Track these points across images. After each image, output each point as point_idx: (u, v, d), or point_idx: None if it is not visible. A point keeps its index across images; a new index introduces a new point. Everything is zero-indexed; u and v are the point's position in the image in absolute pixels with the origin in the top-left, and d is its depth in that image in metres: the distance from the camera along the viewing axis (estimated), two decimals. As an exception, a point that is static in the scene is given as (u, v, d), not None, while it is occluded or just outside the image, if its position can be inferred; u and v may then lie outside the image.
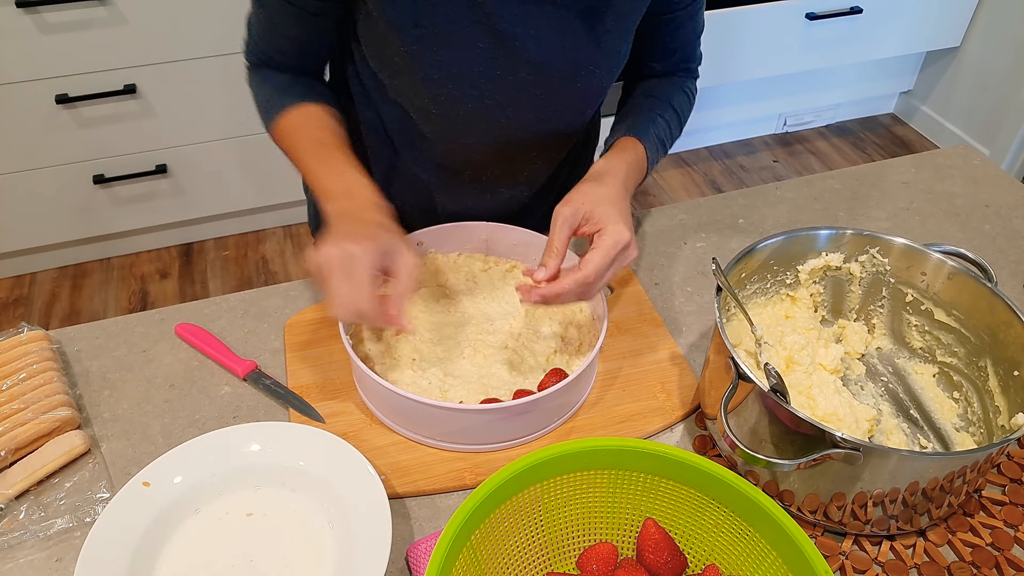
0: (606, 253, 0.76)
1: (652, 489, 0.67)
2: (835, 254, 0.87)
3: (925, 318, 0.86)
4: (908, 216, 1.12)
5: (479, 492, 0.61)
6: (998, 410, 0.77)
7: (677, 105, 0.97)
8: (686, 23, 0.95)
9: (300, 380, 0.86)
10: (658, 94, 0.97)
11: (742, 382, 0.70)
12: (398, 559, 0.72)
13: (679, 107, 0.97)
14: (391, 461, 0.79)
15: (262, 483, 0.75)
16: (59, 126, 2.00)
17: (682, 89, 0.99)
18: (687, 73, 1.01)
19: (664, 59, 0.98)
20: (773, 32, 2.41)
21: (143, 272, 2.35)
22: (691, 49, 0.99)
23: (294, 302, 0.97)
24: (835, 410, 0.77)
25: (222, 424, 0.83)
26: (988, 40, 2.63)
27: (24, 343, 0.87)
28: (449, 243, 0.97)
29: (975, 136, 2.74)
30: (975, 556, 0.72)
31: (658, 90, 0.97)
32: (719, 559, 0.66)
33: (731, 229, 1.10)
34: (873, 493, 0.68)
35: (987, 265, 0.80)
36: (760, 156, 2.85)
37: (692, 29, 0.97)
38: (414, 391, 0.81)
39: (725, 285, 0.77)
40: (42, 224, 2.19)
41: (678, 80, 1.00)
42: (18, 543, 0.73)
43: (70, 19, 1.85)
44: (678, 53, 0.98)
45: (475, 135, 0.92)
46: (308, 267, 0.72)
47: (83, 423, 0.83)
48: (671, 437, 0.83)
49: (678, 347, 0.91)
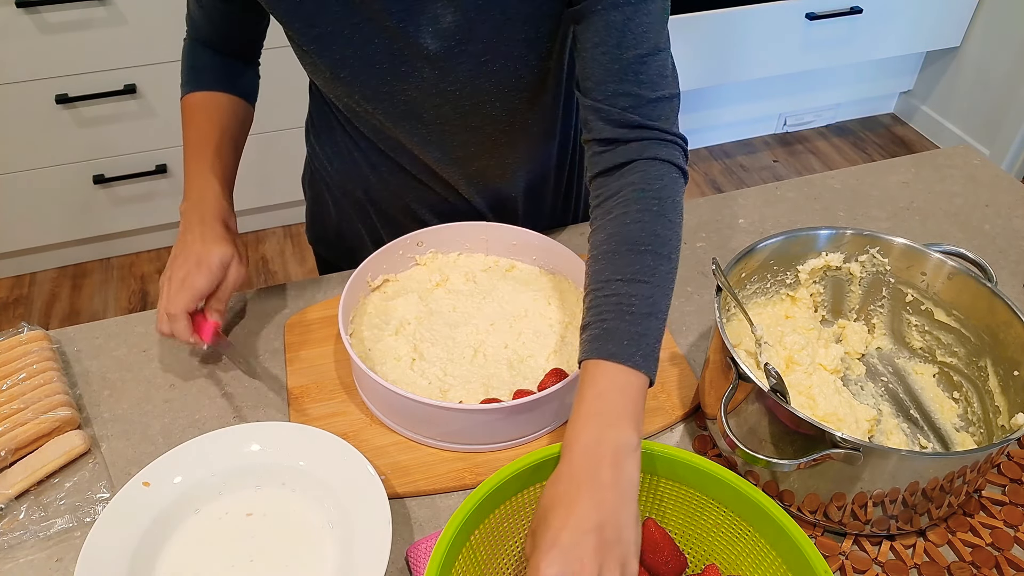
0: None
1: (652, 489, 0.67)
2: (835, 254, 0.87)
3: (925, 318, 0.86)
4: (908, 216, 1.12)
5: (479, 492, 0.61)
6: (998, 410, 0.77)
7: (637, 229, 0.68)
8: (610, 15, 0.70)
9: (300, 380, 0.86)
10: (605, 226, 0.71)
11: (742, 382, 0.70)
12: (398, 559, 0.72)
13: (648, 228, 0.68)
14: (391, 461, 0.79)
15: (262, 483, 0.75)
16: (59, 126, 2.00)
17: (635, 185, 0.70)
18: (641, 128, 0.71)
19: (602, 83, 0.72)
20: (773, 32, 2.41)
21: (143, 272, 2.35)
22: (631, 64, 0.70)
23: (294, 302, 0.97)
24: (835, 410, 0.77)
25: (222, 424, 0.83)
26: (988, 40, 2.63)
27: (24, 343, 0.87)
28: (449, 243, 0.97)
29: (975, 136, 2.74)
30: (975, 556, 0.72)
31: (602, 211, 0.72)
32: (719, 559, 0.66)
33: (731, 229, 1.10)
34: (873, 493, 0.68)
35: (987, 265, 0.80)
36: (760, 156, 2.85)
37: (626, 27, 0.70)
38: (414, 391, 0.81)
39: (725, 285, 0.77)
40: (42, 224, 2.19)
41: (630, 161, 0.72)
42: (18, 543, 0.73)
43: (70, 19, 1.86)
44: (617, 67, 0.70)
45: (409, 131, 0.90)
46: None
47: (83, 423, 0.83)
48: (671, 437, 0.83)
49: (678, 347, 0.91)
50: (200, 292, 0.82)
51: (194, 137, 0.92)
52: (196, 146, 0.92)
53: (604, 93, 0.72)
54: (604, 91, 0.72)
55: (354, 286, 0.88)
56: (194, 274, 0.82)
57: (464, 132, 0.90)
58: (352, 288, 0.87)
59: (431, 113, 0.87)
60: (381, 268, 0.93)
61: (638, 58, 0.70)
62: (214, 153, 0.91)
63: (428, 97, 0.85)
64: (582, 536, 0.54)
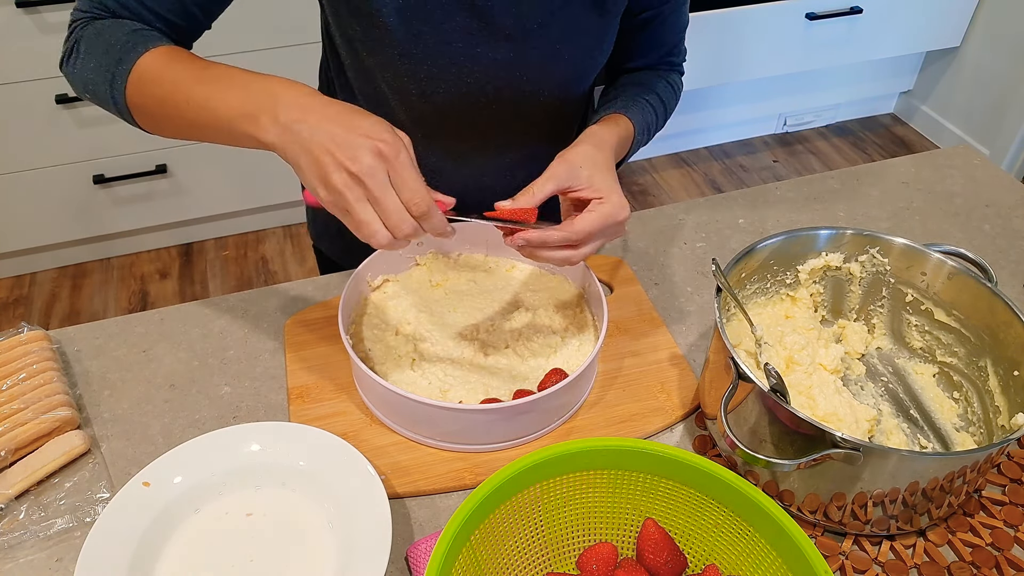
0: (602, 220, 0.74)
1: (652, 489, 0.67)
2: (835, 254, 0.87)
3: (925, 318, 0.86)
4: (908, 216, 1.12)
5: (479, 492, 0.61)
6: (998, 410, 0.77)
7: (664, 96, 0.96)
8: (669, 18, 0.94)
9: (300, 380, 0.86)
10: (645, 82, 0.96)
11: (742, 382, 0.70)
12: (398, 559, 0.72)
13: (665, 98, 0.96)
14: (391, 461, 0.79)
15: (262, 483, 0.75)
16: (59, 126, 2.00)
17: (667, 81, 0.98)
18: (670, 67, 1.00)
19: (647, 55, 0.97)
20: (773, 32, 2.41)
21: (143, 272, 2.35)
22: (675, 45, 0.98)
23: (294, 302, 0.97)
24: (835, 410, 0.77)
25: (222, 424, 0.83)
26: (988, 40, 2.63)
27: (24, 343, 0.87)
28: (449, 243, 0.97)
29: (975, 136, 2.74)
30: (975, 556, 0.72)
31: (644, 79, 0.97)
32: (719, 559, 0.66)
33: (731, 229, 1.10)
34: (873, 493, 0.68)
35: (987, 265, 0.80)
36: (760, 156, 2.85)
37: (676, 24, 0.96)
38: (414, 391, 0.81)
39: (725, 285, 0.77)
40: (42, 224, 2.19)
41: (663, 72, 0.99)
42: (18, 543, 0.73)
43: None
44: (662, 48, 0.97)
45: (455, 117, 0.90)
46: (331, 185, 0.60)
47: (83, 423, 0.83)
48: (671, 437, 0.83)
49: (678, 347, 0.91)
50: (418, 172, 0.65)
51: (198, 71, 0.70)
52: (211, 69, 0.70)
53: (650, 63, 0.99)
54: (649, 62, 0.99)
55: (354, 286, 0.88)
56: (399, 155, 0.63)
57: (514, 120, 0.93)
58: (352, 288, 0.87)
59: (491, 96, 0.89)
60: (381, 268, 0.93)
61: (680, 40, 0.99)
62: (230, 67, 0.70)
63: (493, 80, 0.87)
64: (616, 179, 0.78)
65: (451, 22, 0.82)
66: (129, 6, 0.75)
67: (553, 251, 0.74)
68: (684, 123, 2.76)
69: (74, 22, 0.77)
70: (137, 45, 0.72)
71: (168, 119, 0.73)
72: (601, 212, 0.74)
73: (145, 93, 0.72)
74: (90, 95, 0.77)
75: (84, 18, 0.76)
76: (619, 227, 0.76)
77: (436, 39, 0.83)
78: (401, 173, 0.62)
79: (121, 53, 0.72)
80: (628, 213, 0.76)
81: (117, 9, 0.75)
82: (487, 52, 0.85)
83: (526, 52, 0.86)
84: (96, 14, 0.76)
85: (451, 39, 0.83)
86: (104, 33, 0.74)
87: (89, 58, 0.74)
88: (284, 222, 2.50)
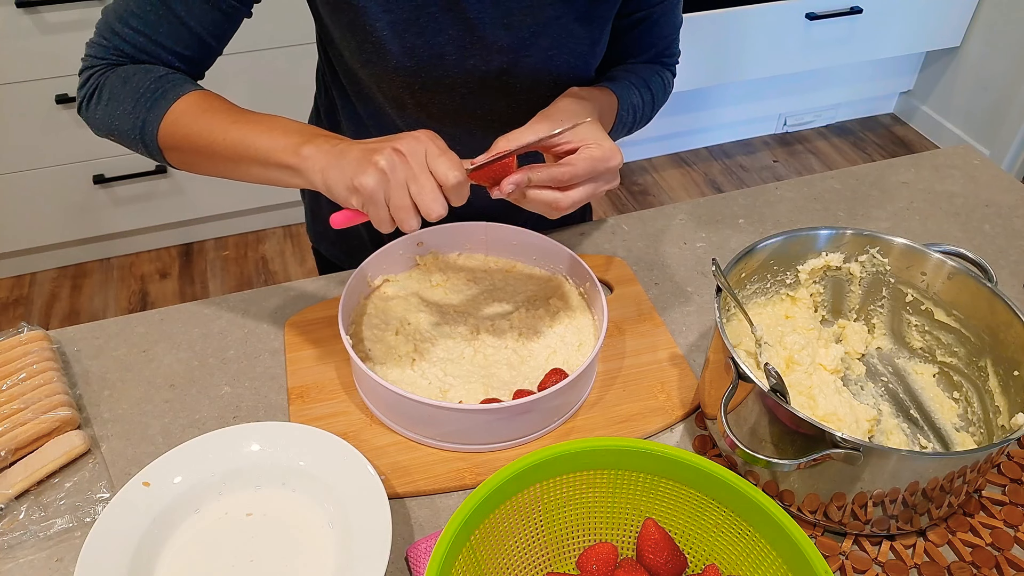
0: (591, 162, 0.71)
1: (652, 489, 0.67)
2: (835, 254, 0.87)
3: (925, 318, 0.86)
4: (908, 216, 1.12)
5: (479, 492, 0.61)
6: (998, 410, 0.77)
7: (652, 84, 0.96)
8: (662, 19, 0.94)
9: (300, 380, 0.86)
10: (634, 71, 0.96)
11: (742, 382, 0.70)
12: (398, 559, 0.72)
13: (654, 87, 0.96)
14: (391, 461, 0.79)
15: (262, 483, 0.75)
16: (59, 126, 2.00)
17: (659, 74, 0.98)
18: (663, 67, 1.00)
19: (640, 55, 0.98)
20: (773, 32, 2.41)
21: (143, 272, 2.35)
22: (667, 45, 0.99)
23: (294, 302, 0.97)
24: (835, 410, 0.77)
25: (222, 424, 0.83)
26: (988, 40, 2.63)
27: (24, 343, 0.87)
28: (449, 243, 0.97)
29: (975, 136, 2.74)
30: (975, 556, 0.72)
31: (635, 69, 0.97)
32: (719, 559, 0.66)
33: (731, 229, 1.10)
34: (873, 493, 0.68)
35: (987, 265, 0.80)
36: (760, 156, 2.85)
37: (669, 24, 0.96)
38: (414, 391, 0.81)
39: (725, 285, 0.77)
40: (42, 224, 2.19)
41: (656, 67, 0.99)
42: (18, 543, 0.73)
43: (70, 19, 1.86)
44: (655, 48, 0.98)
45: (452, 126, 0.91)
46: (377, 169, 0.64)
47: (83, 423, 0.83)
48: (671, 437, 0.83)
49: (678, 347, 0.91)
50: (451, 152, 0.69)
51: (235, 115, 0.74)
52: (248, 116, 0.74)
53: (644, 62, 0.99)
54: (644, 61, 0.99)
55: (354, 286, 0.88)
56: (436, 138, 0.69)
57: (510, 127, 0.92)
58: (352, 288, 0.87)
59: (486, 106, 0.89)
60: (381, 268, 0.93)
61: (674, 40, 0.99)
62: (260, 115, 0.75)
63: (487, 90, 0.87)
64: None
65: (443, 35, 0.82)
66: (147, 49, 0.77)
67: (539, 191, 0.71)
68: (684, 123, 2.76)
69: (89, 68, 0.79)
70: (167, 92, 0.75)
71: (202, 157, 0.76)
72: (590, 154, 0.72)
73: (179, 135, 0.75)
74: (114, 137, 0.79)
75: (100, 65, 0.78)
76: (611, 173, 0.73)
77: (429, 52, 0.83)
78: (441, 148, 0.67)
79: (152, 100, 0.75)
80: (621, 158, 0.73)
81: (135, 54, 0.77)
82: (480, 64, 0.85)
83: (519, 62, 0.86)
84: (114, 61, 0.78)
85: (444, 52, 0.83)
86: (130, 81, 0.76)
87: (115, 104, 0.76)
88: (284, 222, 2.50)
